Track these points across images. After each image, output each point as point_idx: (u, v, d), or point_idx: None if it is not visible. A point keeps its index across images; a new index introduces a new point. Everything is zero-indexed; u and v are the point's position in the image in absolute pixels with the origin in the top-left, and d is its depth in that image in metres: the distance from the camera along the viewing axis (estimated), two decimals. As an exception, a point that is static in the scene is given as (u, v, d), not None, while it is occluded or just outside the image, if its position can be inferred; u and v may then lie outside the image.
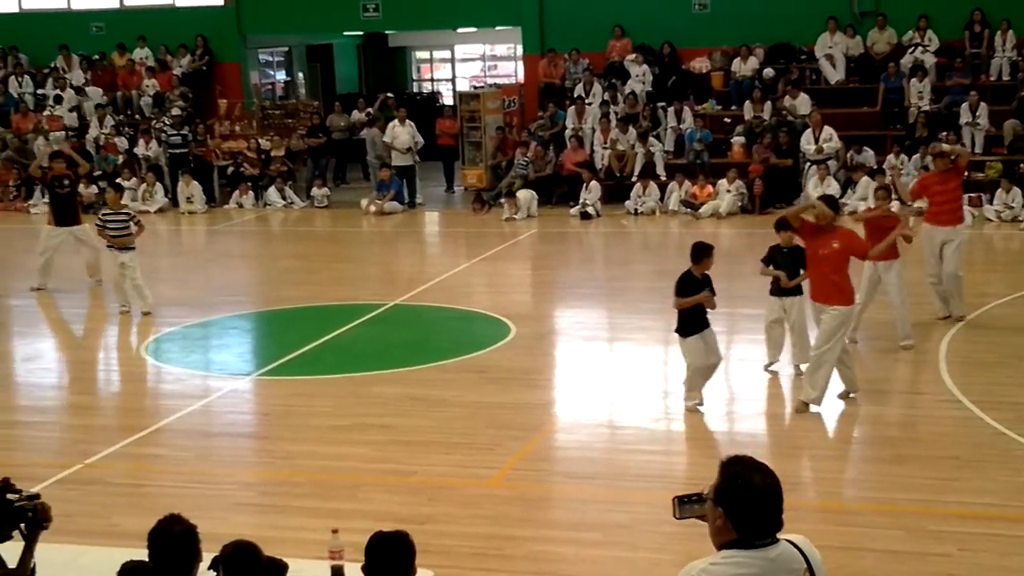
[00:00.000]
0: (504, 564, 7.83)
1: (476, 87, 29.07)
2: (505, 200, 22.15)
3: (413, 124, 24.14)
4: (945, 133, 20.63)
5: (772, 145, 22.12)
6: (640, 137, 23.07)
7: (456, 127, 25.33)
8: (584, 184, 22.08)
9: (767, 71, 23.85)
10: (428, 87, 35.51)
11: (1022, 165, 20.83)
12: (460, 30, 31.44)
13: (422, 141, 24.21)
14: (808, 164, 21.71)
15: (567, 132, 23.85)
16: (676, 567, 3.94)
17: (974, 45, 23.47)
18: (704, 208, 21.27)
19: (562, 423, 10.90)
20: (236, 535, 5.23)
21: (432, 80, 35.88)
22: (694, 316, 10.46)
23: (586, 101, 24.24)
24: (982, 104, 21.91)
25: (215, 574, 4.88)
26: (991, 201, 20.28)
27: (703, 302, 10.37)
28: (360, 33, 31.83)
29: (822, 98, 23.31)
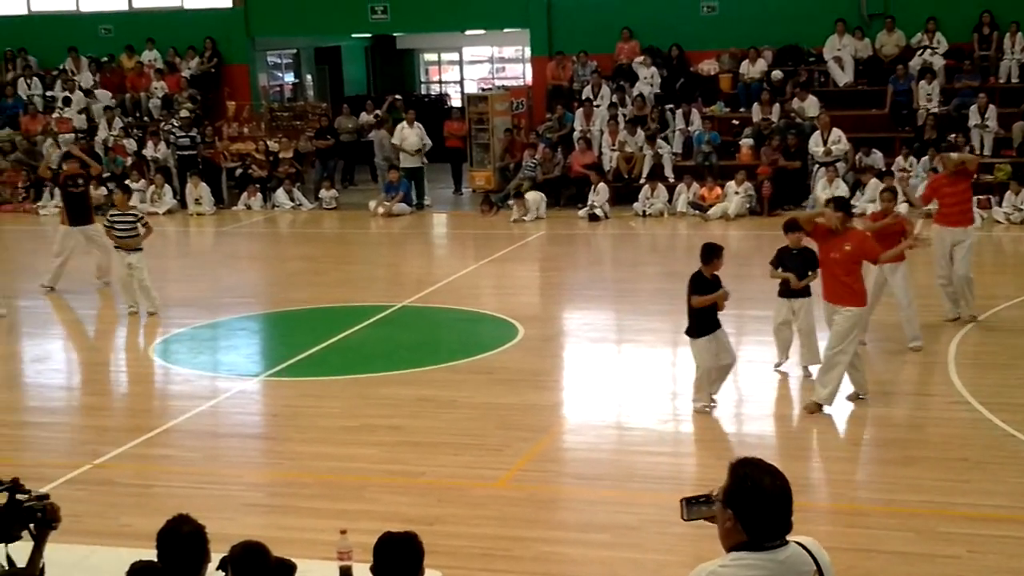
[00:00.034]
0: (512, 565, 7.83)
1: (484, 89, 29.09)
2: (514, 202, 22.15)
3: (421, 126, 24.15)
4: (954, 135, 20.61)
5: (780, 147, 22.10)
6: (648, 139, 23.06)
7: (464, 129, 25.34)
8: (592, 186, 22.07)
9: (775, 73, 23.82)
10: (436, 89, 35.55)
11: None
12: (468, 32, 31.46)
13: (430, 143, 24.21)
14: (817, 166, 21.68)
15: (575, 134, 23.84)
16: (684, 568, 3.94)
17: (983, 47, 23.43)
18: (712, 210, 21.25)
19: (570, 424, 10.90)
20: (245, 535, 5.23)
21: (440, 82, 35.92)
22: (706, 317, 10.46)
23: (594, 103, 24.24)
24: (991, 106, 21.87)
25: (224, 574, 4.88)
26: (1000, 203, 20.23)
27: (717, 301, 10.38)
28: (368, 35, 31.87)
29: (830, 100, 23.29)
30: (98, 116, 26.58)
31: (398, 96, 28.98)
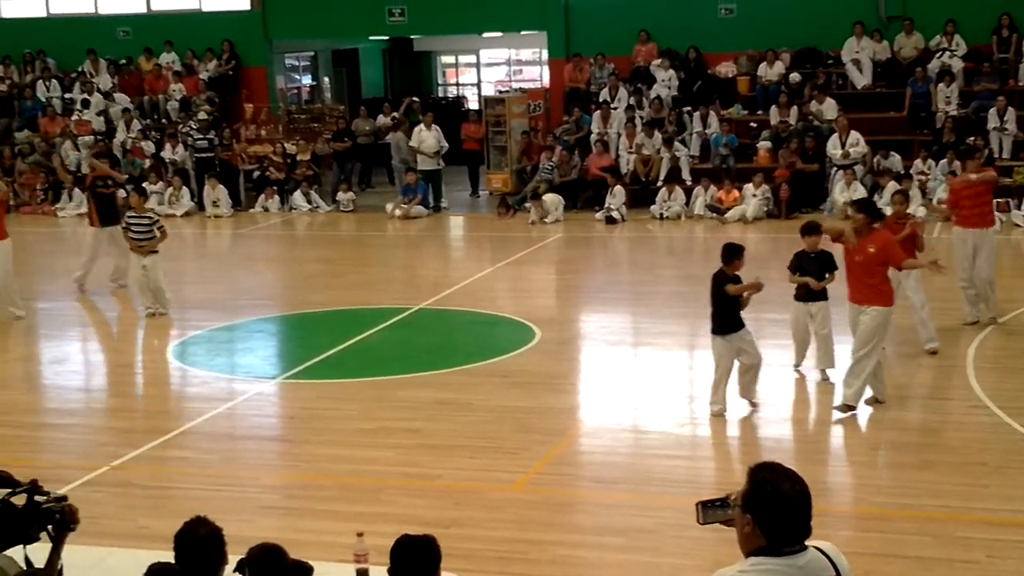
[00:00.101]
0: (529, 568, 7.81)
1: (501, 91, 29.12)
2: (531, 204, 22.15)
3: (439, 128, 24.16)
4: (972, 138, 20.52)
5: (798, 150, 22.05)
6: (665, 142, 23.04)
7: (481, 131, 25.37)
8: (609, 188, 22.06)
9: (793, 76, 23.76)
10: (453, 91, 35.59)
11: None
12: (485, 35, 31.48)
13: (447, 145, 24.23)
14: (834, 169, 21.63)
15: (592, 137, 23.84)
16: (701, 572, 3.93)
17: (1002, 50, 23.32)
18: (730, 213, 21.21)
19: (587, 427, 10.88)
20: (262, 538, 5.23)
21: (457, 84, 35.96)
22: (731, 315, 10.47)
23: (611, 106, 24.22)
24: (1010, 109, 21.79)
25: (240, 576, 4.89)
26: (1019, 206, 20.15)
27: (751, 291, 10.41)
28: (386, 38, 31.91)
29: (849, 103, 23.23)
30: (116, 118, 26.69)
31: (415, 98, 29.05)
